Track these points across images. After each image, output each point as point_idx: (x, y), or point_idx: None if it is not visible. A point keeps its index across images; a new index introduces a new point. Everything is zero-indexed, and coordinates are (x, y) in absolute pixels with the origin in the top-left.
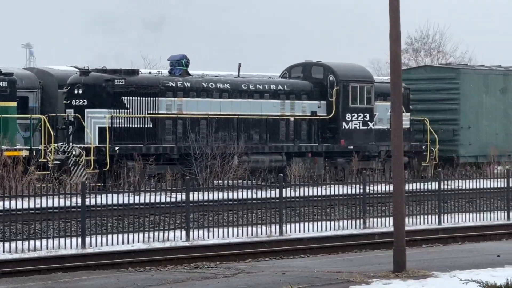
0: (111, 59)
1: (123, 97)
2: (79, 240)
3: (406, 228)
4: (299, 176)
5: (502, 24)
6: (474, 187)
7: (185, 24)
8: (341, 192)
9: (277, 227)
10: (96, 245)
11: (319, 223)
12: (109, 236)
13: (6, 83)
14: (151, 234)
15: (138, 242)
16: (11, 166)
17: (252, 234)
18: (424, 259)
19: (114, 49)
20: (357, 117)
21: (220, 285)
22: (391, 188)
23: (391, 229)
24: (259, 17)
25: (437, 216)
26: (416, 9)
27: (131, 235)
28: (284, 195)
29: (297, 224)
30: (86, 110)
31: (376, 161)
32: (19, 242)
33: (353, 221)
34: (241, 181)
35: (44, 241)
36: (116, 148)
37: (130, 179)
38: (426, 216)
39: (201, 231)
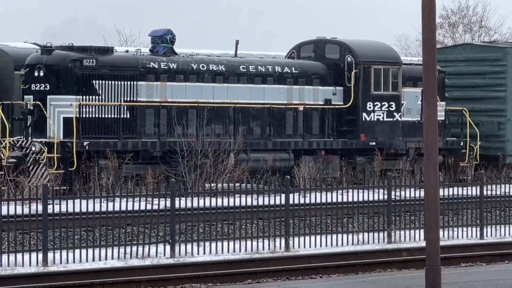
0: (81, 29)
1: (94, 81)
2: (40, 256)
3: (441, 243)
4: (310, 179)
5: None
6: None
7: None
8: (360, 199)
9: (283, 241)
10: (61, 262)
11: (334, 236)
12: (77, 251)
13: None
14: (128, 249)
15: (112, 258)
16: None
17: (252, 250)
18: (463, 281)
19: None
20: (381, 107)
21: None
22: (422, 194)
23: (423, 244)
24: None
25: (478, 229)
26: None
27: (103, 250)
28: (291, 201)
29: (307, 238)
30: (48, 97)
31: (403, 160)
32: None
33: (376, 234)
34: (238, 184)
35: None
36: (85, 143)
37: (102, 181)
38: (465, 229)
39: (189, 246)
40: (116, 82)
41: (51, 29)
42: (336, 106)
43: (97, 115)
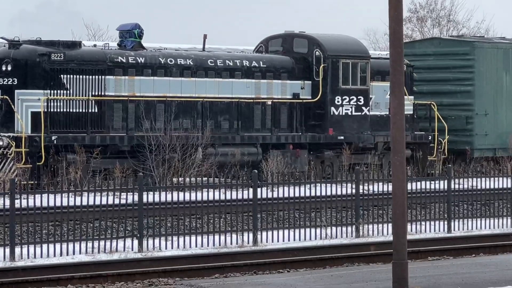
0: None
1: (61, 75)
2: (7, 250)
3: (409, 237)
4: (278, 173)
5: None
6: (492, 187)
7: None
8: (329, 193)
9: (251, 235)
10: (28, 257)
11: (302, 230)
12: (44, 246)
13: None
14: (96, 243)
15: (80, 253)
16: None
17: (219, 244)
18: (430, 275)
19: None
20: (349, 101)
21: None
22: (390, 188)
23: (390, 238)
24: None
25: (446, 223)
26: None
27: (71, 245)
28: (259, 196)
29: (275, 232)
30: (16, 91)
31: (372, 154)
32: None
33: (344, 229)
34: (206, 178)
35: None
36: (53, 137)
37: (70, 176)
38: (433, 223)
39: (157, 240)
40: (84, 77)
41: (25, 12)
42: (304, 100)
43: (65, 110)
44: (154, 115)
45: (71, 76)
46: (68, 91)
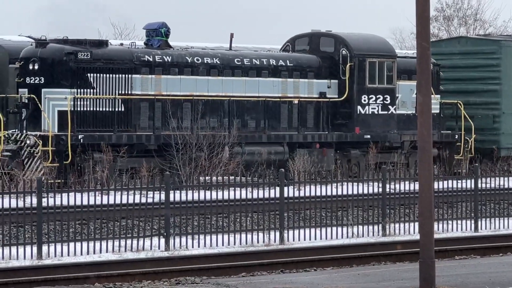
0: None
1: (88, 74)
2: (35, 249)
3: (436, 235)
4: (304, 172)
5: None
6: None
7: None
8: (355, 192)
9: (277, 234)
10: (56, 256)
11: (329, 229)
12: (71, 244)
13: None
14: (123, 242)
15: (107, 252)
16: None
17: (246, 243)
18: (457, 274)
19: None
20: (376, 100)
21: None
22: (417, 187)
23: (417, 237)
24: None
25: (473, 222)
26: None
27: (98, 244)
28: (286, 194)
29: (302, 231)
30: (43, 90)
31: (398, 153)
32: None
33: (370, 227)
34: (233, 177)
35: None
36: (79, 136)
37: (96, 174)
38: (460, 222)
39: (183, 239)
40: (111, 75)
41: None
42: (331, 99)
43: (91, 108)
44: (181, 114)
45: (98, 75)
46: (94, 90)
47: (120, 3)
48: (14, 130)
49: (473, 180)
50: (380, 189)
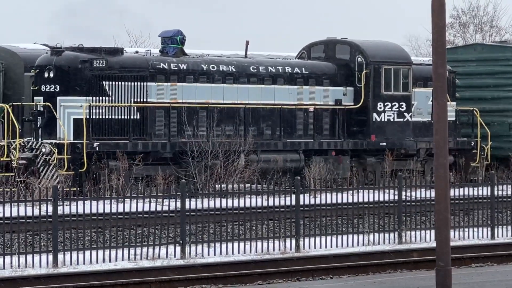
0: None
1: (103, 82)
2: (50, 257)
3: (452, 243)
4: (320, 179)
5: None
6: None
7: None
8: (371, 199)
9: (293, 241)
10: (71, 264)
11: (345, 237)
12: (87, 252)
13: None
14: (138, 250)
15: (123, 260)
16: None
17: (262, 251)
18: (473, 282)
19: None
20: (391, 107)
21: None
22: (433, 194)
23: (433, 244)
24: None
25: (490, 229)
26: None
27: (113, 252)
28: (301, 202)
29: (318, 238)
30: (58, 98)
31: (414, 160)
32: None
33: (386, 235)
34: (248, 185)
35: (7, 258)
36: (95, 144)
37: (112, 182)
38: (476, 229)
39: (199, 247)
40: (126, 83)
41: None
42: (346, 107)
43: (107, 116)
44: (197, 122)
45: (113, 82)
46: (110, 98)
47: (140, 7)
48: (30, 138)
49: (489, 187)
50: (396, 197)
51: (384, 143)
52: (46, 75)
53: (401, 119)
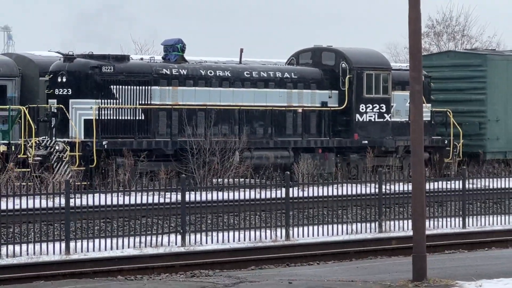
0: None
1: (111, 86)
2: (63, 245)
3: (427, 232)
4: (308, 174)
5: None
6: (503, 186)
7: (179, 3)
8: (354, 192)
9: (283, 230)
10: (82, 251)
11: (330, 226)
12: (96, 240)
13: None
14: (143, 238)
15: (129, 247)
16: None
17: (255, 239)
18: (446, 267)
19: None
20: (372, 109)
21: None
22: (410, 188)
23: (410, 233)
24: None
25: (461, 219)
26: None
27: (120, 240)
28: (291, 195)
29: (305, 228)
30: (70, 101)
31: (393, 157)
32: None
33: (368, 225)
34: (243, 179)
35: (24, 246)
36: (104, 142)
37: (119, 177)
38: (449, 219)
39: (198, 236)
40: (132, 87)
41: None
42: (331, 108)
43: (114, 117)
44: (196, 122)
45: (120, 86)
46: (117, 100)
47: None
48: (44, 137)
49: (461, 181)
50: (377, 190)
51: (366, 141)
52: (59, 79)
53: (381, 120)
